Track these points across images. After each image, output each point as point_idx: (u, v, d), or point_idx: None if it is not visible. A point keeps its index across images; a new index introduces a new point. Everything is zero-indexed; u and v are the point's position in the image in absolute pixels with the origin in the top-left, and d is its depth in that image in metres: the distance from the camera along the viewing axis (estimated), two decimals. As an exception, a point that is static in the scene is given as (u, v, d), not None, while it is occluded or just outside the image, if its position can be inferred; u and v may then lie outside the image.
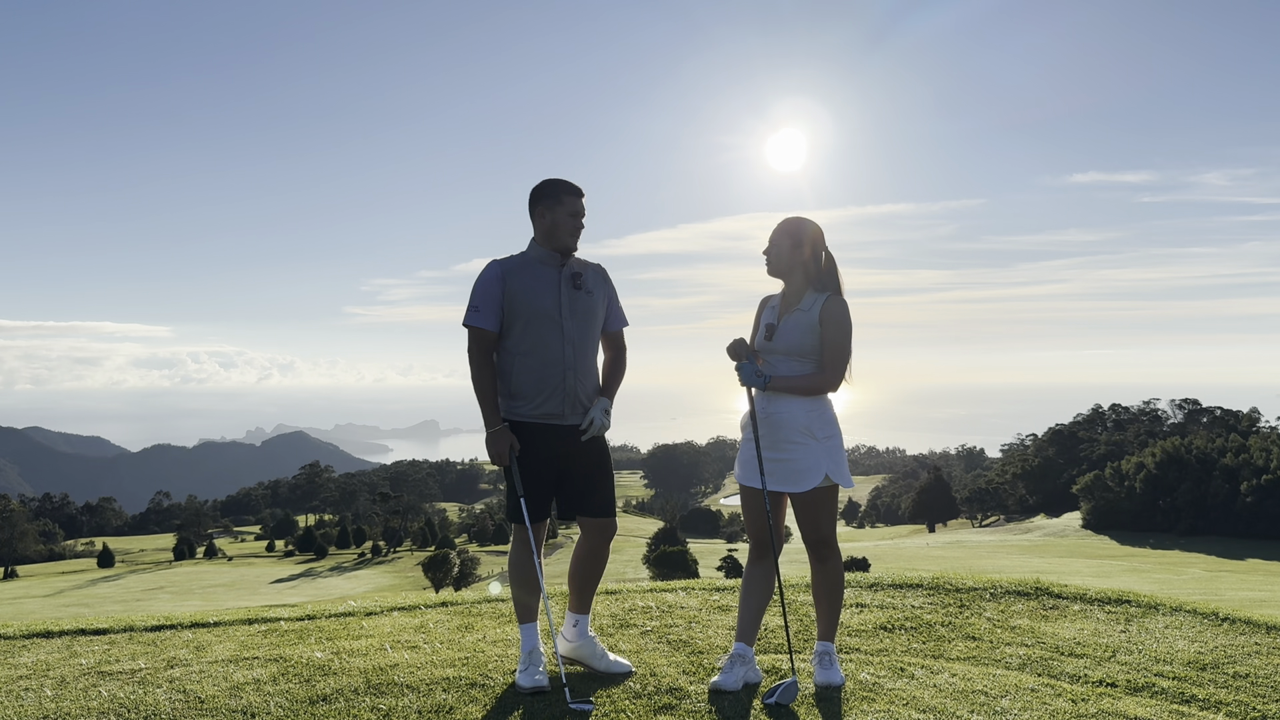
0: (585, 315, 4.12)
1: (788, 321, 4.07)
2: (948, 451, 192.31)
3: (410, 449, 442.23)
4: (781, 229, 4.13)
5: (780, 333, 4.07)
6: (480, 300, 4.07)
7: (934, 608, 5.30)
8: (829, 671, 4.04)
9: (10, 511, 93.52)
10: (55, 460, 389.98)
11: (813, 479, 4.00)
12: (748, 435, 4.17)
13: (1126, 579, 35.69)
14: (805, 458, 4.01)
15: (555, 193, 4.09)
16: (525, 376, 4.06)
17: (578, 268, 4.18)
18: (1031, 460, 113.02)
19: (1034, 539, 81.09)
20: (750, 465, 4.14)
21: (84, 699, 3.83)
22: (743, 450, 4.22)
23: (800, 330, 4.03)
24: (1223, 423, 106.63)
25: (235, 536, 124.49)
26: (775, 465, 4.06)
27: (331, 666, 4.16)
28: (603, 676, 4.09)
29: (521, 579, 4.17)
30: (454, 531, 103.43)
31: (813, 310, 4.05)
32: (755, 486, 4.12)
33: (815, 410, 4.04)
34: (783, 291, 4.19)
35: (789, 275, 4.14)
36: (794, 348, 4.04)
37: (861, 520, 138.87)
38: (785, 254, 4.11)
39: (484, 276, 4.09)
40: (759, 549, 4.21)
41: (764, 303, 4.30)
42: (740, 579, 4.62)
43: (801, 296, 4.10)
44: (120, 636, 4.89)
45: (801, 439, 4.01)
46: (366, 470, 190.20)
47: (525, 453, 4.08)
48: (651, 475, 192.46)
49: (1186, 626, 5.08)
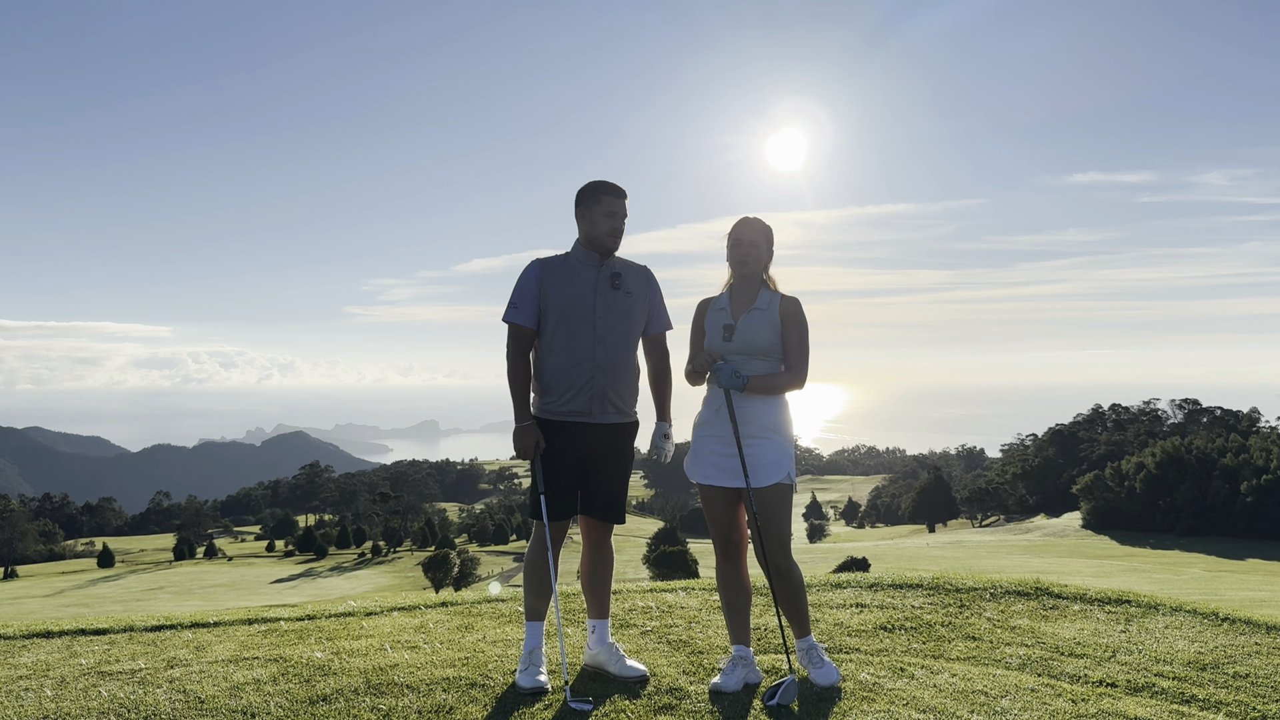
0: (621, 316, 4.13)
1: (746, 321, 4.08)
2: (948, 451, 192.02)
3: (410, 449, 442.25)
4: (758, 229, 4.16)
5: (740, 332, 4.08)
6: (518, 297, 4.13)
7: (934, 608, 5.30)
8: (822, 668, 4.06)
9: (10, 511, 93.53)
10: (55, 460, 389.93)
11: (777, 473, 4.02)
12: (707, 433, 4.13)
13: (1126, 579, 35.67)
14: (769, 452, 4.03)
15: (594, 192, 4.14)
16: (555, 373, 4.09)
17: (619, 268, 4.19)
18: (1031, 460, 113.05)
19: (1034, 539, 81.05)
20: (713, 463, 4.10)
21: (84, 699, 3.83)
22: (697, 447, 4.18)
23: (760, 329, 4.06)
24: (1223, 423, 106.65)
25: (235, 536, 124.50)
26: (736, 462, 4.05)
27: (331, 666, 4.16)
28: (608, 677, 4.09)
29: (534, 581, 4.17)
30: (454, 531, 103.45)
31: (771, 309, 4.09)
32: (722, 485, 4.09)
33: (777, 407, 4.10)
34: (731, 291, 4.20)
35: (756, 276, 4.18)
36: (754, 347, 4.05)
37: (861, 520, 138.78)
38: (764, 256, 4.17)
39: (524, 274, 4.18)
40: (727, 549, 4.20)
41: (706, 306, 4.27)
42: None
43: (756, 296, 4.14)
44: (120, 636, 4.89)
45: (764, 434, 4.04)
46: (366, 470, 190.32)
47: (551, 450, 4.09)
48: (651, 475, 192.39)
49: (1186, 626, 5.08)
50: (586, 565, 4.29)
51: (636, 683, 3.99)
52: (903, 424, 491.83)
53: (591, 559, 4.28)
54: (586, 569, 4.29)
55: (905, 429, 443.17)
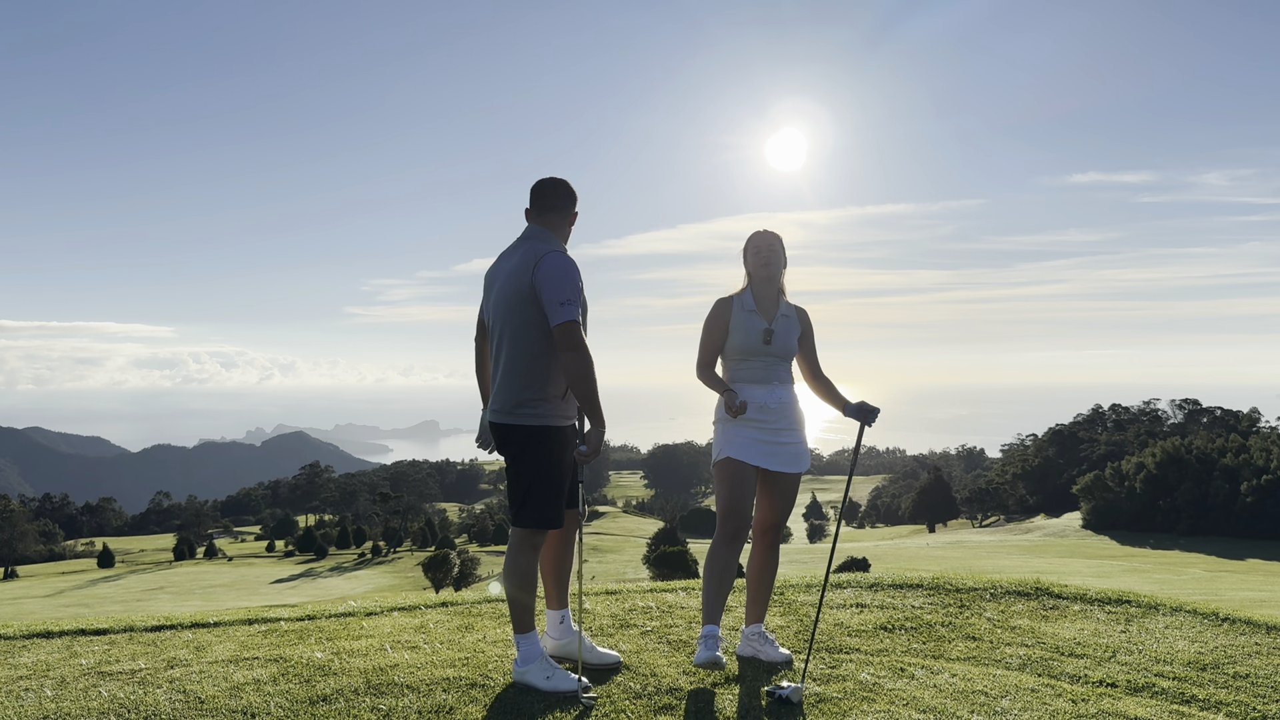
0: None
1: (780, 326, 4.34)
2: (948, 451, 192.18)
3: (410, 449, 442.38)
4: (775, 237, 4.43)
5: (778, 337, 4.32)
6: (573, 293, 3.86)
7: (934, 608, 5.31)
8: (776, 650, 4.36)
9: (10, 511, 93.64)
10: (55, 460, 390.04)
11: (807, 461, 4.41)
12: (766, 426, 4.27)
13: (1126, 579, 35.69)
14: (802, 443, 4.43)
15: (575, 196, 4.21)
16: (562, 378, 3.96)
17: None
18: (1031, 460, 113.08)
19: (1034, 539, 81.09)
20: (758, 449, 4.25)
21: (84, 699, 3.83)
22: (753, 433, 4.26)
23: (792, 335, 4.38)
24: (1223, 423, 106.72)
25: (235, 537, 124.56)
26: (781, 449, 4.30)
27: (331, 667, 4.16)
28: (599, 674, 4.09)
29: (529, 587, 4.12)
30: (454, 532, 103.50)
31: (793, 316, 4.42)
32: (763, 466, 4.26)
33: (799, 405, 4.41)
34: (756, 297, 4.38)
35: (776, 279, 4.42)
36: (789, 351, 4.36)
37: (861, 520, 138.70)
38: (783, 261, 4.44)
39: (572, 270, 3.90)
40: (739, 534, 4.30)
41: (727, 305, 4.38)
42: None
43: (779, 303, 4.39)
44: (120, 637, 4.89)
45: (798, 426, 4.39)
46: (366, 470, 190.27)
47: (564, 453, 4.03)
48: (651, 475, 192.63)
49: (1186, 626, 5.08)
50: (558, 555, 4.29)
51: (611, 669, 4.09)
52: (903, 424, 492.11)
53: (563, 548, 4.30)
54: (557, 559, 4.29)
55: (905, 429, 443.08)
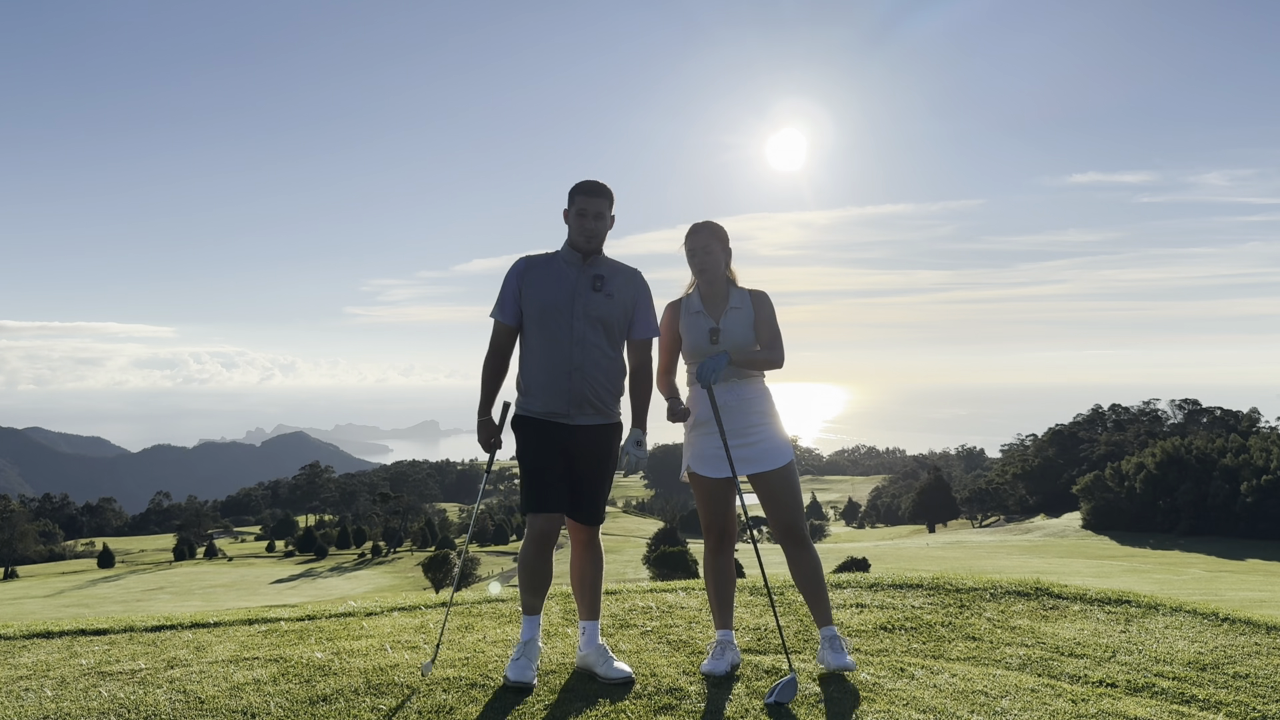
0: (601, 318, 4.11)
1: (728, 321, 4.22)
2: (948, 452, 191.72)
3: (410, 449, 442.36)
4: (707, 233, 4.25)
5: (725, 334, 4.21)
6: (501, 295, 4.21)
7: (934, 608, 5.30)
8: (840, 655, 4.09)
9: (10, 512, 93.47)
10: (55, 460, 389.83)
11: (786, 454, 4.21)
12: (706, 430, 4.21)
13: (1126, 579, 35.66)
14: (774, 434, 4.22)
15: (571, 192, 4.15)
16: (534, 373, 4.12)
17: (605, 269, 4.18)
18: (1031, 460, 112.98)
19: (1034, 539, 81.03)
20: (716, 458, 4.18)
21: (84, 699, 3.83)
22: (700, 444, 4.24)
23: (743, 327, 4.23)
24: (1223, 423, 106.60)
25: (235, 537, 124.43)
26: (747, 450, 4.17)
27: (331, 667, 4.16)
28: (615, 688, 4.06)
29: (528, 579, 4.15)
30: (454, 532, 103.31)
31: (746, 306, 4.27)
32: (725, 476, 4.19)
33: (767, 396, 4.28)
34: (701, 294, 4.30)
35: (719, 278, 4.27)
36: (739, 345, 4.21)
37: (861, 520, 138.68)
38: (720, 257, 4.26)
39: (508, 272, 4.24)
40: (721, 540, 4.30)
41: (677, 308, 4.34)
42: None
43: (729, 295, 4.27)
44: (120, 637, 4.89)
45: (764, 419, 4.23)
46: (366, 470, 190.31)
47: (537, 441, 4.10)
48: (651, 475, 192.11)
49: (1186, 627, 5.08)
50: (576, 566, 4.31)
51: (620, 685, 3.96)
52: (903, 424, 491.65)
53: (580, 560, 4.29)
54: (576, 570, 4.31)
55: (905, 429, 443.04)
